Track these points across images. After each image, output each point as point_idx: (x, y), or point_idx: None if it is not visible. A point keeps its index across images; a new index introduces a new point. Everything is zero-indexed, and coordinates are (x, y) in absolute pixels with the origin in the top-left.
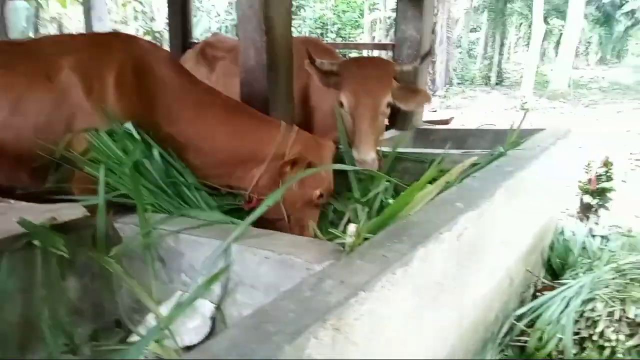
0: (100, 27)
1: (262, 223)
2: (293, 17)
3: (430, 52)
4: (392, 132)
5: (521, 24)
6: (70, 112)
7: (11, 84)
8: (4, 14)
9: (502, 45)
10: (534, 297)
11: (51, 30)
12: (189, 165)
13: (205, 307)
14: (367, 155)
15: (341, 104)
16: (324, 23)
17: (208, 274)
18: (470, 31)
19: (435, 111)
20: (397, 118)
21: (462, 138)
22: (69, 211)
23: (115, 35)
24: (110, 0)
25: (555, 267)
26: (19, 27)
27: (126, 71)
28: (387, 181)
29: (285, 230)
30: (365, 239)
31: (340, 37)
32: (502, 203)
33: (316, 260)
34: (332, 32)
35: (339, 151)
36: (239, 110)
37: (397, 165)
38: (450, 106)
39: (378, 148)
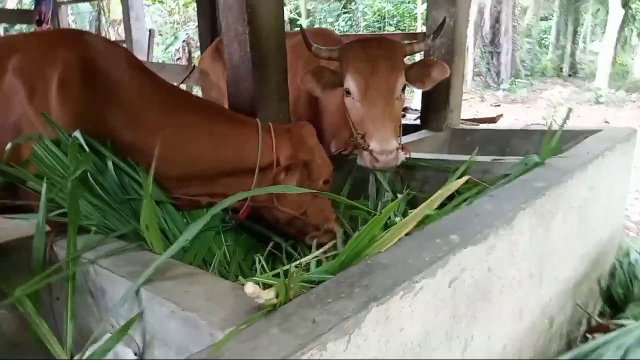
0: (138, 26)
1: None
2: (344, 10)
3: (441, 26)
4: (423, 134)
5: (598, 10)
6: (15, 119)
7: None
8: (59, 18)
9: (575, 33)
10: (584, 339)
11: (112, 33)
12: (162, 178)
13: (128, 356)
14: (387, 143)
15: (347, 92)
16: (381, 16)
17: (126, 319)
18: (541, 19)
19: (498, 105)
20: (429, 116)
21: (505, 140)
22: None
23: (61, 32)
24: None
25: (617, 298)
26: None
27: (72, 71)
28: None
29: (310, 230)
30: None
31: (399, 29)
32: (526, 229)
33: (222, 324)
34: (390, 24)
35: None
36: (212, 112)
37: (416, 173)
38: (515, 100)
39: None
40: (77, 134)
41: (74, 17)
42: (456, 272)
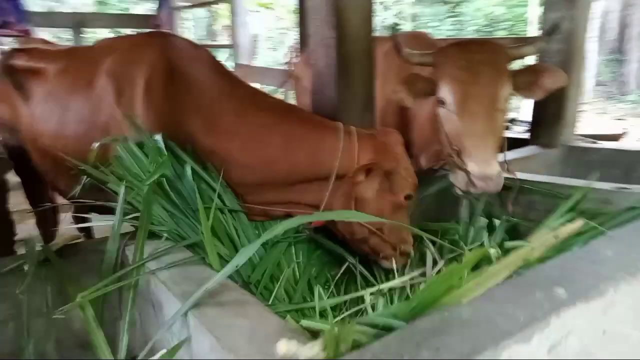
0: (243, 31)
1: (363, 250)
2: (450, 13)
3: (556, 28)
4: (532, 150)
5: None
6: (104, 120)
7: (61, 91)
8: (175, 23)
9: None
10: None
11: (220, 38)
12: (237, 185)
13: None
14: (488, 166)
15: (441, 102)
16: (492, 19)
17: (179, 338)
18: None
19: (623, 119)
20: (540, 130)
21: (631, 162)
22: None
23: (150, 35)
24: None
25: None
26: (199, 35)
27: (158, 74)
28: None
29: (384, 250)
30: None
31: (513, 33)
32: None
33: None
34: (503, 28)
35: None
36: (291, 115)
37: (519, 196)
38: None
39: (502, 159)
40: (158, 137)
41: (193, 22)
42: (559, 336)
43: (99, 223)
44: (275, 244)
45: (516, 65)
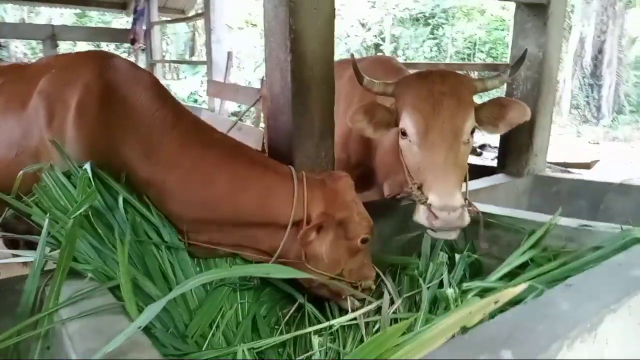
0: (217, 48)
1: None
2: (430, 35)
3: (521, 60)
4: (499, 179)
5: None
6: (35, 145)
7: None
8: (152, 38)
9: None
10: None
11: (201, 54)
12: (178, 220)
13: None
14: (449, 197)
15: (403, 134)
16: (472, 42)
17: None
18: None
19: (597, 143)
20: (508, 159)
21: (599, 194)
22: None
23: (88, 54)
24: None
25: None
26: (178, 50)
27: (92, 97)
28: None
29: (344, 292)
30: None
31: (491, 57)
32: (616, 342)
33: None
34: (482, 51)
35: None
36: (238, 154)
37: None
38: (617, 138)
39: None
40: (86, 166)
41: (171, 37)
42: None
43: (18, 259)
44: (217, 288)
45: (479, 98)
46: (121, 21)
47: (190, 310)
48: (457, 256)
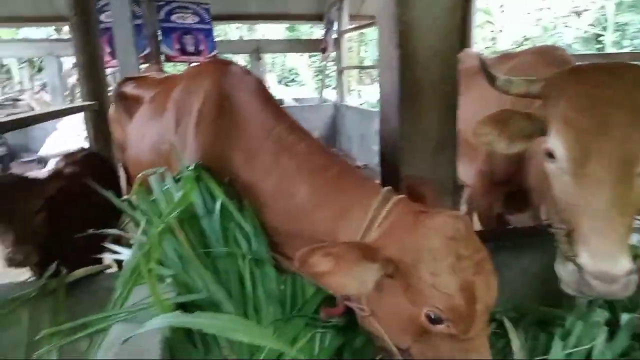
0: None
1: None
2: None
3: None
4: None
5: None
6: (166, 149)
7: (145, 119)
8: (341, 45)
9: None
10: None
11: None
12: (274, 232)
13: None
14: (611, 263)
15: (549, 155)
16: None
17: None
18: None
19: None
20: None
21: None
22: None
23: (211, 64)
24: None
25: None
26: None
27: (210, 104)
28: None
29: None
30: None
31: None
32: None
33: None
34: None
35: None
36: (326, 162)
37: None
38: None
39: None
40: (192, 168)
41: (368, 44)
42: None
43: (116, 257)
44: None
45: None
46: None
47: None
48: (623, 317)
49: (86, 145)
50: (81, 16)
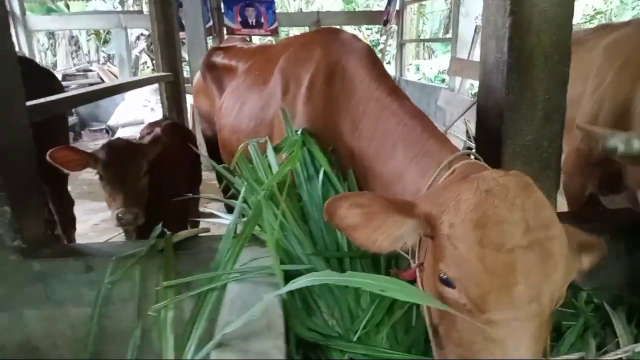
0: (465, 22)
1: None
2: None
3: None
4: None
5: None
6: (271, 118)
7: (243, 88)
8: (404, 17)
9: None
10: None
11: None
12: None
13: None
14: None
15: None
16: None
17: None
18: None
19: None
20: None
21: None
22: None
23: (319, 33)
24: None
25: None
26: (433, 29)
27: (321, 73)
28: None
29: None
30: None
31: None
32: None
33: None
34: None
35: None
36: (418, 125)
37: None
38: None
39: None
40: (297, 134)
41: (427, 17)
42: None
43: (220, 220)
44: None
45: None
46: (382, 4)
47: (358, 300)
48: None
49: (153, 115)
50: None
